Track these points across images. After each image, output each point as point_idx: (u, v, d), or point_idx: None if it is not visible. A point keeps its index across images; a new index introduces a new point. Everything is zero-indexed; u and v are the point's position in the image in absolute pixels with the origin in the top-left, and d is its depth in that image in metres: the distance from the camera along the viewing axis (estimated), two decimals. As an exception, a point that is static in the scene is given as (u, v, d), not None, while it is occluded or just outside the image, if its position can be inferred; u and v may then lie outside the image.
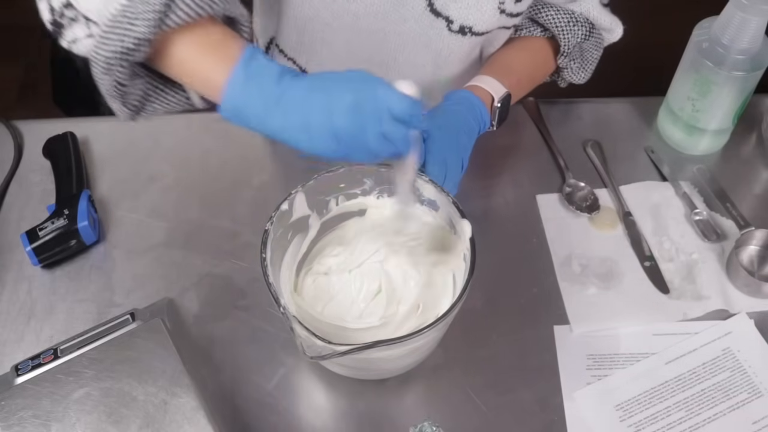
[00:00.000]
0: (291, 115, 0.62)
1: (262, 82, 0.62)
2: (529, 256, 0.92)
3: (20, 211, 0.93)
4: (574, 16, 0.94)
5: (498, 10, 0.87)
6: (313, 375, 0.81)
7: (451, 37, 0.90)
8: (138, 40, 0.62)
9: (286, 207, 0.75)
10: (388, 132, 0.62)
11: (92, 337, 0.75)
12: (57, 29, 0.69)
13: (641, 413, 0.79)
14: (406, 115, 0.62)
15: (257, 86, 0.62)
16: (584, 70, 1.01)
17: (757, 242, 0.92)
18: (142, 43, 0.62)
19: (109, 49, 0.62)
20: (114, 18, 0.62)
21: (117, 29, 0.62)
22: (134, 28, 0.61)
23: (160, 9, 0.61)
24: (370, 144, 0.62)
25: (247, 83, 0.62)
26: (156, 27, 0.62)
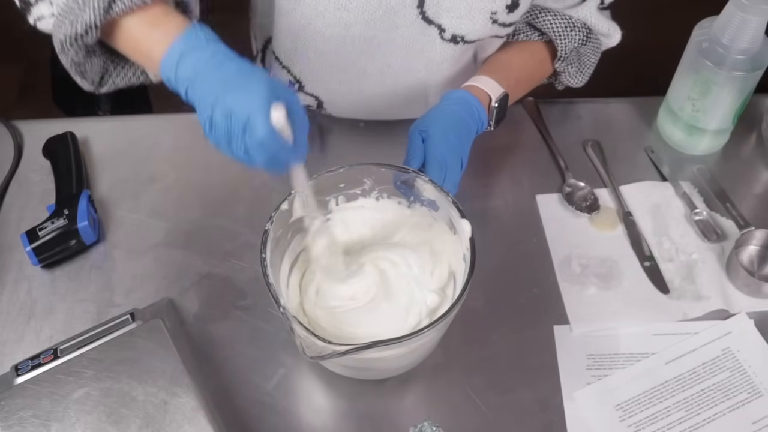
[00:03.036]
0: (198, 96, 0.65)
1: (191, 61, 0.65)
2: (529, 256, 0.92)
3: (20, 211, 0.93)
4: (571, 21, 0.94)
5: (490, 20, 0.87)
6: (313, 375, 0.81)
7: (444, 45, 0.90)
8: (86, 25, 0.67)
9: (286, 207, 0.75)
10: (249, 151, 0.63)
11: (92, 337, 0.75)
12: (24, 6, 0.74)
13: (641, 413, 0.79)
14: (258, 142, 0.62)
15: (186, 64, 0.65)
16: (581, 74, 1.01)
17: (757, 242, 0.92)
18: (91, 28, 0.67)
19: (62, 32, 0.68)
20: (67, 3, 0.68)
21: (69, 14, 0.67)
22: (83, 14, 0.67)
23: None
24: (234, 149, 0.64)
25: (180, 61, 0.65)
26: (104, 14, 0.67)
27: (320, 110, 1.03)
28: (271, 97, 0.62)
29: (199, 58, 0.65)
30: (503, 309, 0.86)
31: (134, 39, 0.70)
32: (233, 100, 0.62)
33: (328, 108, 1.02)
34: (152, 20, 0.69)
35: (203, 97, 0.64)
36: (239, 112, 0.61)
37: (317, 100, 1.00)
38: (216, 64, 0.65)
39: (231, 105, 0.62)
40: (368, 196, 0.83)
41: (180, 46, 0.66)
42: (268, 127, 0.61)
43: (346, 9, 0.84)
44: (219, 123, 0.63)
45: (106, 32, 0.70)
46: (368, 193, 0.83)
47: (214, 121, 0.63)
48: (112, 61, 0.76)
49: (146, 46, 0.69)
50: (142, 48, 0.70)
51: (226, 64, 0.65)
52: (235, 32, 0.96)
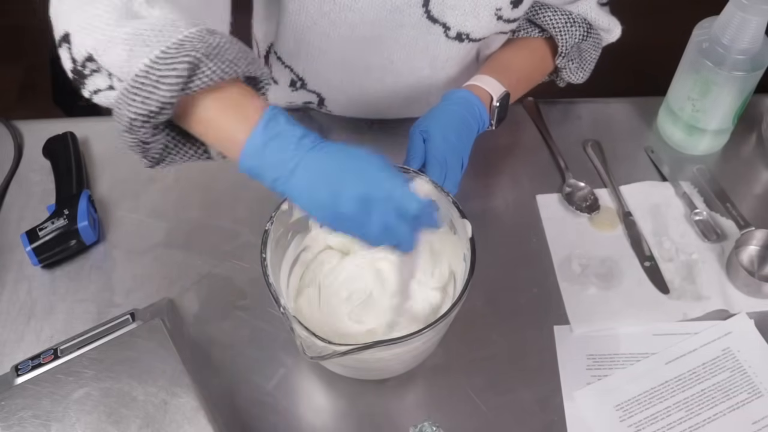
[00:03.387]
0: (301, 188, 0.61)
1: (281, 144, 0.61)
2: (529, 256, 0.92)
3: (20, 211, 0.93)
4: (572, 17, 0.94)
5: (495, 16, 0.87)
6: (313, 375, 0.81)
7: (448, 43, 0.90)
8: (162, 104, 0.59)
9: (286, 207, 0.75)
10: (392, 226, 0.61)
11: (92, 337, 0.75)
12: (78, 78, 0.67)
13: (641, 413, 0.79)
14: (413, 215, 0.61)
15: (276, 147, 0.61)
16: (582, 70, 1.01)
17: (757, 242, 0.92)
18: (166, 107, 0.60)
19: (132, 110, 0.60)
20: (137, 79, 0.59)
21: (141, 91, 0.59)
22: (158, 91, 0.59)
23: (185, 74, 0.59)
24: (371, 233, 0.61)
25: (267, 144, 0.61)
26: (180, 91, 0.59)
27: (321, 108, 1.03)
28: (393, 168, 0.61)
29: (285, 143, 0.61)
30: (503, 309, 0.86)
31: (209, 121, 0.63)
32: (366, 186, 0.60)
33: (329, 105, 1.02)
34: (231, 101, 0.63)
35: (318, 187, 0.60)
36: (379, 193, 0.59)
37: (319, 96, 1.00)
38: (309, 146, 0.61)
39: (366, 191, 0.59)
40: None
41: (264, 130, 0.61)
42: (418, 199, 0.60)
43: (351, 9, 0.84)
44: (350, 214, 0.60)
45: (178, 111, 0.63)
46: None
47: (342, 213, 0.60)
48: (173, 137, 0.68)
49: (224, 129, 0.63)
50: (218, 131, 0.64)
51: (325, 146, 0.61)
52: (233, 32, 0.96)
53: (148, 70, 0.59)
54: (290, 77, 0.98)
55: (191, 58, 0.58)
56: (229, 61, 0.60)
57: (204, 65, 0.59)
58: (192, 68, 0.58)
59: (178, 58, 0.58)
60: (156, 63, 0.58)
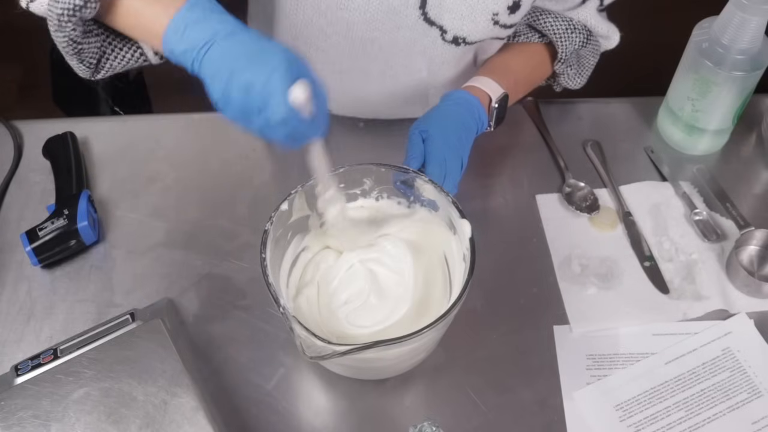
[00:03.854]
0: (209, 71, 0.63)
1: (198, 30, 0.63)
2: (529, 256, 0.92)
3: (20, 211, 0.93)
4: (572, 24, 0.94)
5: (492, 21, 0.87)
6: (313, 375, 0.81)
7: (445, 47, 0.90)
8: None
9: (286, 207, 0.75)
10: (266, 127, 0.62)
11: (92, 337, 0.75)
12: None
13: (641, 413, 0.79)
14: (277, 121, 0.61)
15: (192, 35, 0.63)
16: (580, 76, 1.01)
17: (757, 242, 0.92)
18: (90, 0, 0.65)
19: (60, 7, 0.65)
20: None
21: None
22: None
23: None
24: (252, 124, 0.62)
25: (185, 30, 0.63)
26: None
27: None
28: (289, 72, 0.60)
29: (205, 28, 0.63)
30: (503, 309, 0.86)
31: (134, 12, 0.67)
32: (252, 74, 0.60)
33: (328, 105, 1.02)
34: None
35: (217, 69, 0.61)
36: (258, 88, 0.60)
37: None
38: (227, 34, 0.62)
39: (250, 80, 0.60)
40: (368, 196, 0.83)
41: (185, 16, 0.63)
42: (287, 105, 0.60)
43: (348, 9, 0.84)
44: (235, 98, 0.61)
45: (104, 8, 0.67)
46: (368, 193, 0.83)
47: (230, 95, 0.61)
48: (110, 42, 0.73)
49: (147, 18, 0.66)
50: (142, 21, 0.67)
51: (237, 34, 0.62)
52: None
53: None
54: None
55: None
56: None
57: None
58: None
59: None
60: None
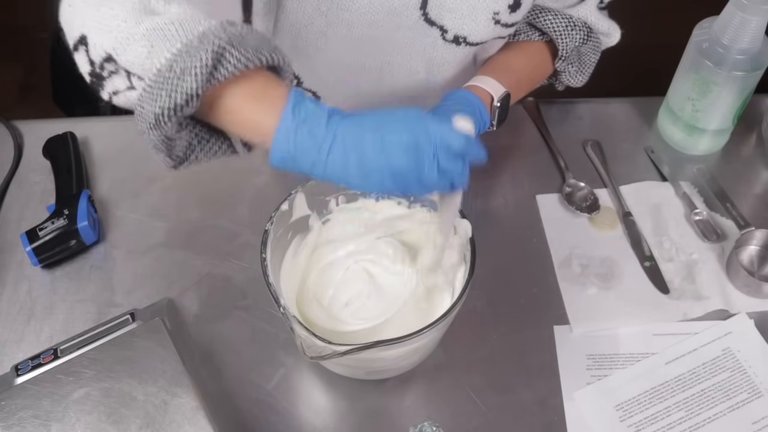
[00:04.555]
0: (345, 158, 0.60)
1: (311, 126, 0.60)
2: (529, 256, 0.92)
3: (20, 211, 0.93)
4: (572, 21, 0.94)
5: (493, 20, 0.87)
6: (313, 375, 0.81)
7: (445, 46, 0.90)
8: (188, 95, 0.58)
9: (286, 207, 0.75)
10: (446, 167, 0.61)
11: (92, 337, 0.75)
12: (96, 81, 0.65)
13: (641, 413, 0.79)
14: (462, 149, 0.61)
15: (307, 131, 0.60)
16: (582, 73, 1.01)
17: (757, 242, 0.92)
18: (192, 98, 0.58)
19: (158, 105, 0.59)
20: (160, 73, 0.58)
21: (165, 85, 0.58)
22: (183, 83, 0.57)
23: (209, 63, 0.57)
24: (427, 180, 0.60)
25: (297, 129, 0.60)
26: (206, 81, 0.58)
27: None
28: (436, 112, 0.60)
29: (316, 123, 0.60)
30: (503, 309, 0.86)
31: (236, 111, 0.62)
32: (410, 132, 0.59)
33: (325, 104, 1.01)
34: (256, 90, 0.62)
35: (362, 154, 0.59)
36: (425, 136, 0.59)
37: (315, 96, 1.00)
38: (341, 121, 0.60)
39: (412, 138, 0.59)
40: (368, 197, 0.83)
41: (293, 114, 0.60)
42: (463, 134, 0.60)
43: (348, 9, 0.84)
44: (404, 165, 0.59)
45: (203, 103, 0.62)
46: (368, 193, 0.83)
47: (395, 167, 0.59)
48: (197, 134, 0.67)
49: (251, 118, 0.62)
50: (245, 120, 0.62)
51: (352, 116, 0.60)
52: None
53: (171, 64, 0.58)
54: None
55: (215, 46, 0.57)
56: (253, 48, 0.59)
57: (228, 53, 0.58)
58: (216, 57, 0.58)
59: (201, 48, 0.57)
60: (179, 56, 0.58)
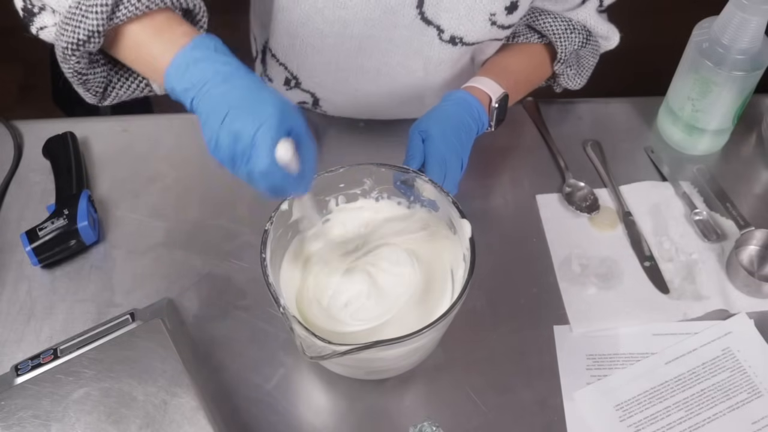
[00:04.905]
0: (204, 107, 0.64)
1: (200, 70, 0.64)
2: (529, 256, 0.92)
3: (20, 211, 0.93)
4: (571, 24, 0.94)
5: (489, 21, 0.87)
6: (313, 375, 0.81)
7: (442, 46, 0.90)
8: (89, 32, 0.66)
9: (286, 207, 0.75)
10: (251, 177, 0.63)
11: (92, 337, 0.75)
12: (27, 16, 0.72)
13: (641, 413, 0.79)
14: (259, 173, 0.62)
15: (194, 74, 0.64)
16: (580, 76, 1.01)
17: (757, 242, 0.92)
18: (94, 35, 0.66)
19: (65, 40, 0.66)
20: (69, 10, 0.66)
21: (72, 21, 0.66)
22: (86, 20, 0.65)
23: (110, 2, 0.64)
24: (240, 172, 0.63)
25: (186, 69, 0.64)
26: (107, 20, 0.65)
27: (316, 108, 1.03)
28: (280, 126, 0.61)
29: (206, 68, 0.63)
30: (503, 309, 0.86)
31: (138, 47, 0.68)
32: (242, 123, 0.61)
33: (324, 105, 1.02)
34: (157, 28, 0.67)
35: (210, 112, 0.62)
36: (246, 138, 0.60)
37: (313, 96, 1.00)
38: (225, 77, 0.63)
39: (239, 128, 0.61)
40: (368, 197, 0.83)
41: (188, 55, 0.64)
42: (270, 159, 0.61)
43: (345, 7, 0.84)
44: (224, 144, 0.62)
45: (109, 41, 0.69)
46: (368, 193, 0.83)
47: (219, 140, 0.62)
48: (116, 72, 0.74)
49: (150, 54, 0.67)
50: (146, 56, 0.68)
51: (236, 79, 0.63)
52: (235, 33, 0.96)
53: (78, 2, 0.65)
54: (284, 75, 0.98)
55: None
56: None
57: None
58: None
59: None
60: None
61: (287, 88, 1.00)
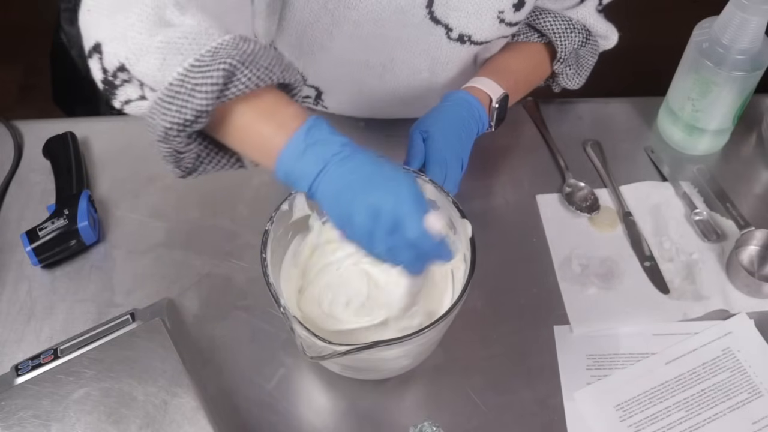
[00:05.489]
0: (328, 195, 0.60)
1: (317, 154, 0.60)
2: (529, 256, 0.92)
3: (20, 211, 0.93)
4: (571, 23, 0.94)
5: (497, 19, 0.87)
6: (313, 375, 0.81)
7: (450, 45, 0.90)
8: (197, 112, 0.59)
9: (286, 207, 0.75)
10: (394, 249, 0.60)
11: (92, 337, 0.75)
12: (109, 89, 0.66)
13: (641, 413, 0.79)
14: (414, 242, 0.60)
15: (311, 158, 0.60)
16: (579, 76, 1.01)
17: (757, 242, 0.92)
18: (202, 115, 0.59)
19: (168, 119, 0.59)
20: (171, 88, 0.59)
21: (176, 99, 0.59)
22: (193, 99, 0.58)
23: (220, 81, 0.58)
24: (376, 250, 0.61)
25: (303, 154, 0.60)
26: (216, 99, 0.59)
27: (317, 103, 1.03)
28: (420, 195, 0.59)
29: (325, 151, 0.60)
30: (503, 309, 0.86)
31: (245, 128, 0.63)
32: (381, 196, 0.58)
33: (326, 101, 1.01)
34: (267, 109, 0.62)
35: (338, 192, 0.59)
36: (389, 209, 0.58)
37: (317, 91, 1.00)
38: (345, 158, 0.60)
39: (378, 203, 0.58)
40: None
41: (304, 139, 0.60)
42: (421, 226, 0.58)
43: (356, 8, 0.84)
44: (360, 221, 0.59)
45: (212, 121, 0.63)
46: None
47: (353, 218, 0.59)
48: (206, 147, 0.67)
49: (261, 136, 0.62)
50: (254, 139, 0.63)
51: (358, 155, 0.60)
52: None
53: (183, 79, 0.58)
54: None
55: (226, 65, 0.58)
56: (264, 67, 0.60)
57: (239, 72, 0.58)
58: (227, 75, 0.58)
59: (213, 65, 0.58)
60: (191, 71, 0.58)
61: None
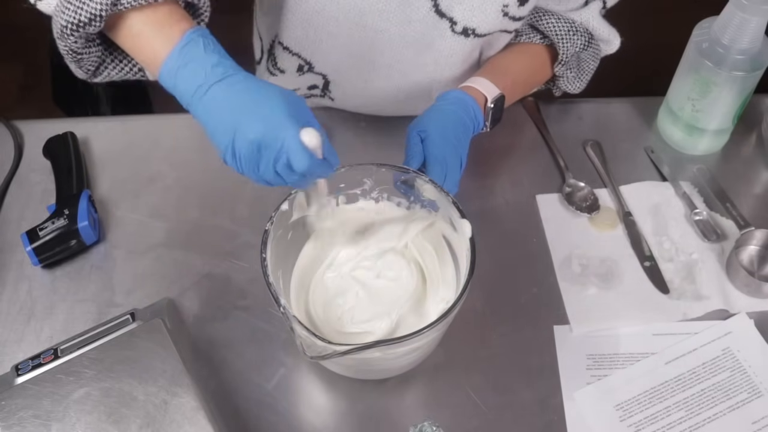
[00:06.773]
0: (206, 118, 0.64)
1: (191, 72, 0.64)
2: (529, 256, 0.92)
3: (20, 211, 0.93)
4: (574, 26, 0.94)
5: (501, 12, 0.87)
6: (313, 375, 0.81)
7: (454, 39, 0.90)
8: (92, 15, 0.65)
9: (286, 207, 0.75)
10: (282, 173, 0.63)
11: (92, 337, 0.75)
12: None
13: (641, 413, 0.79)
14: (300, 169, 0.63)
15: (186, 76, 0.64)
16: (580, 80, 1.01)
17: (757, 242, 0.92)
18: (95, 18, 0.65)
19: (64, 18, 0.66)
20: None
21: (74, 1, 0.65)
22: (90, 3, 0.65)
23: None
24: (263, 175, 0.64)
25: (178, 70, 0.64)
26: (110, 6, 0.65)
27: (324, 93, 1.02)
28: (295, 119, 0.61)
29: (198, 70, 0.64)
30: (503, 309, 0.86)
31: (137, 37, 0.68)
32: (260, 130, 0.61)
33: (333, 90, 1.01)
34: (158, 21, 0.67)
35: (216, 121, 0.63)
36: (271, 143, 0.61)
37: (324, 79, 0.99)
38: (220, 78, 0.63)
39: (259, 136, 0.61)
40: (368, 197, 0.83)
41: (179, 56, 0.64)
42: (307, 154, 0.61)
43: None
44: (245, 153, 0.62)
45: (109, 25, 0.69)
46: (368, 193, 0.83)
47: (237, 151, 0.62)
48: (110, 52, 0.74)
49: (150, 47, 0.67)
50: (144, 48, 0.68)
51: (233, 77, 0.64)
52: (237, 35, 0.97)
53: None
54: (298, 63, 0.97)
55: None
56: None
57: None
58: None
59: None
60: None
61: (300, 73, 1.00)
